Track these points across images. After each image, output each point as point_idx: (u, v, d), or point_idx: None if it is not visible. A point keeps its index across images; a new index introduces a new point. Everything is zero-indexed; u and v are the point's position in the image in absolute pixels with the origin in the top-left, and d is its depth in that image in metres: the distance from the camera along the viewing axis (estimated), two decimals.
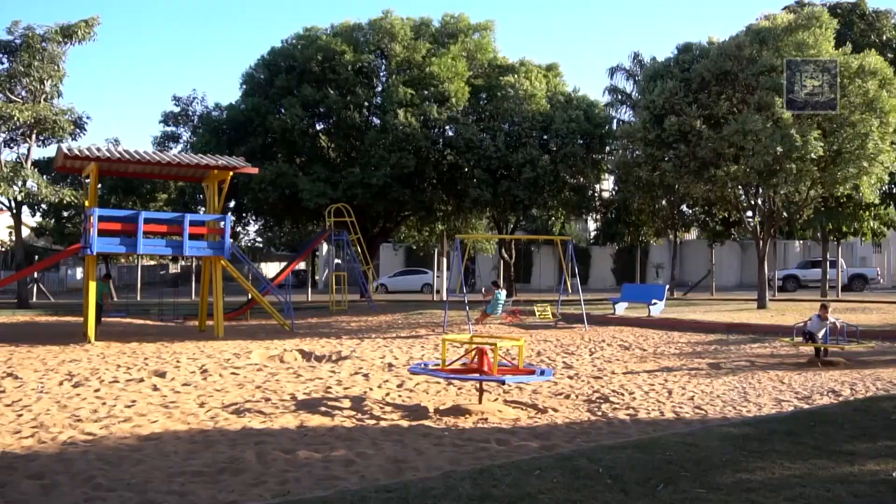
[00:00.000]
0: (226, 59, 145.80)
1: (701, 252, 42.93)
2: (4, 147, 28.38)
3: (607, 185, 39.94)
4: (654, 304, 21.75)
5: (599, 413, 9.14)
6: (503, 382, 9.84)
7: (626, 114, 34.78)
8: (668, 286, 26.32)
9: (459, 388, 10.75)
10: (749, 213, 26.75)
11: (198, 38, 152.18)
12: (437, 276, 35.87)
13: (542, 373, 9.74)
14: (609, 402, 9.76)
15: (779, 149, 19.86)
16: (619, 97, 35.37)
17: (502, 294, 20.95)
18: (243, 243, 39.69)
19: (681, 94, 22.18)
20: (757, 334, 17.32)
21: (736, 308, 24.00)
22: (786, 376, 11.78)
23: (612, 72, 35.52)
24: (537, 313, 21.44)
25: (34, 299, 34.07)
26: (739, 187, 23.95)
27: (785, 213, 25.65)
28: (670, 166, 22.38)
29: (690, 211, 33.88)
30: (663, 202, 31.63)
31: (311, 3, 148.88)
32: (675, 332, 18.54)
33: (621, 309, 22.96)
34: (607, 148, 31.52)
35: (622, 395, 10.28)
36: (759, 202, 24.52)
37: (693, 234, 44.92)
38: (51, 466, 6.74)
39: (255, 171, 21.42)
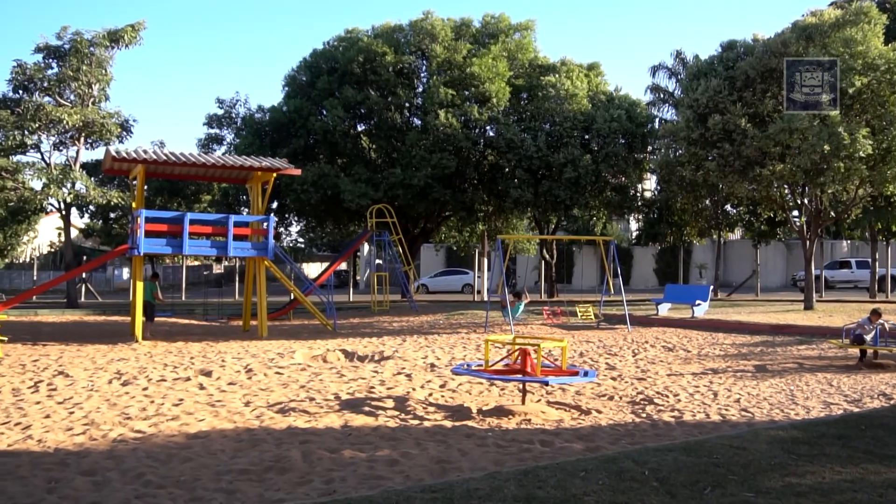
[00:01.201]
0: (268, 62, 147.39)
1: (745, 252, 42.36)
2: (54, 150, 29.00)
3: (649, 184, 39.62)
4: (698, 304, 21.51)
5: (644, 415, 9.06)
6: (546, 383, 9.81)
7: (668, 113, 34.46)
8: (711, 287, 25.98)
9: (502, 389, 10.74)
10: (795, 213, 26.33)
11: (241, 41, 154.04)
12: (478, 277, 35.86)
13: (586, 374, 9.68)
14: (653, 404, 9.67)
15: (826, 147, 19.52)
16: (662, 96, 35.04)
17: (522, 305, 20.95)
18: (285, 244, 40.01)
19: (725, 92, 21.90)
20: (804, 336, 17.05)
21: (782, 309, 23.65)
22: (834, 379, 11.58)
23: (654, 70, 35.20)
24: (579, 314, 21.35)
25: (82, 299, 34.75)
26: (785, 186, 23.58)
27: (832, 213, 25.19)
28: (714, 165, 22.11)
29: (734, 210, 33.44)
30: (707, 202, 31.28)
31: (352, 5, 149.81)
32: (719, 333, 18.33)
33: (664, 310, 22.75)
34: (649, 147, 31.28)
35: (666, 396, 10.18)
36: (806, 201, 24.12)
37: (737, 234, 44.31)
38: (102, 463, 6.86)
39: (297, 172, 21.60)
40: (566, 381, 9.77)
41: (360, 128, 32.85)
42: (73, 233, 31.80)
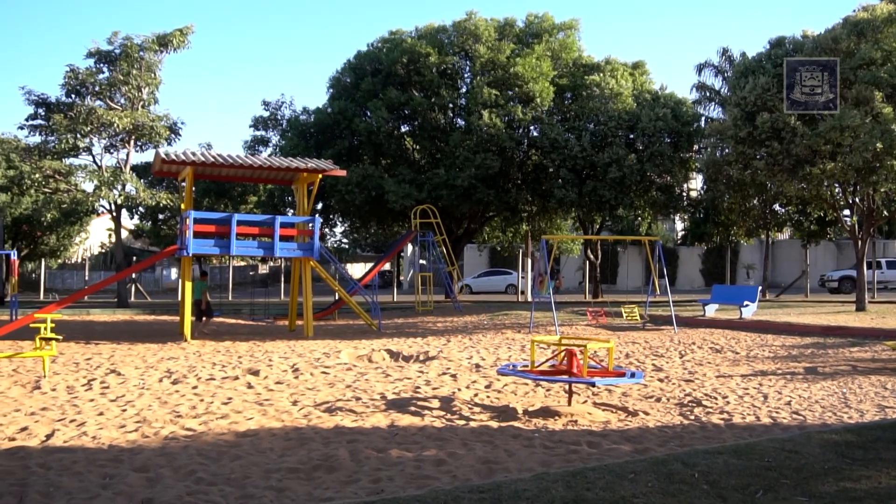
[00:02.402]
0: (313, 64, 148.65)
1: (794, 252, 41.70)
2: (105, 153, 29.56)
3: (695, 184, 39.16)
4: (746, 305, 21.21)
5: (692, 417, 8.96)
6: (593, 384, 9.75)
7: (714, 111, 33.98)
8: (760, 287, 25.59)
9: (548, 390, 10.70)
10: (846, 212, 25.79)
11: (286, 44, 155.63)
12: (522, 277, 35.78)
13: (633, 375, 9.60)
14: (702, 406, 9.56)
15: (878, 145, 19.12)
16: (708, 94, 34.55)
17: (552, 284, 20.87)
18: (329, 244, 40.38)
19: (774, 89, 21.55)
20: (856, 338, 16.70)
21: (832, 310, 23.21)
22: (889, 382, 11.33)
23: (700, 68, 34.72)
24: (624, 315, 21.19)
25: (132, 299, 35.39)
26: (836, 185, 23.15)
27: (885, 212, 24.65)
28: (762, 164, 21.79)
29: (783, 210, 32.87)
30: (755, 201, 30.81)
31: (396, 6, 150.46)
32: (768, 334, 18.05)
33: (711, 311, 22.48)
34: (696, 146, 30.93)
35: (715, 398, 10.05)
36: (857, 200, 23.64)
37: (786, 234, 43.60)
38: (154, 460, 6.97)
39: (343, 173, 21.75)
40: (613, 382, 9.70)
41: (403, 129, 33.00)
42: (123, 234, 32.40)
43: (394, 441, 7.74)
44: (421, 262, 33.18)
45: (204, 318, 19.92)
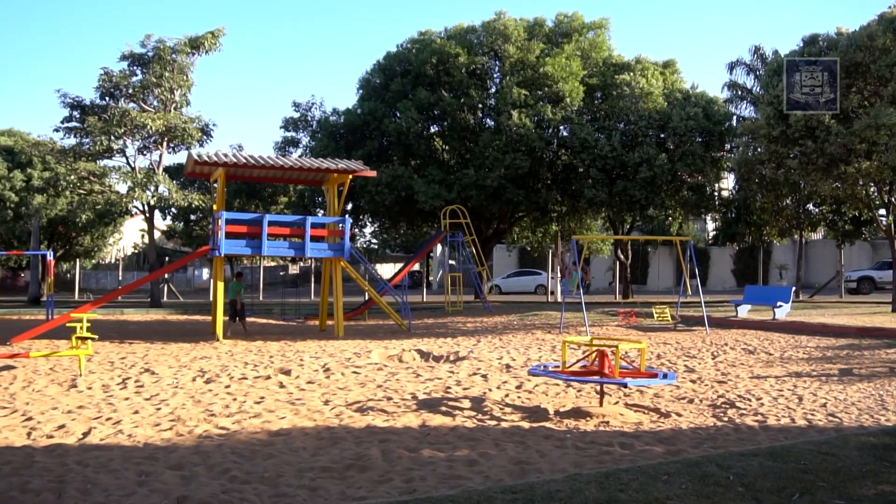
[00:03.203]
0: (343, 66, 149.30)
1: (828, 252, 41.16)
2: (138, 154, 29.91)
3: (727, 183, 38.82)
4: (780, 306, 20.96)
5: (726, 419, 8.88)
6: (625, 385, 9.70)
7: (746, 110, 33.68)
8: (793, 288, 25.30)
9: (579, 391, 10.66)
10: (882, 212, 25.40)
11: (316, 45, 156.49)
12: (552, 278, 35.67)
13: (665, 376, 9.53)
14: (735, 408, 9.46)
15: None
16: (740, 93, 34.26)
17: (578, 275, 20.62)
18: (359, 245, 40.54)
19: None
20: (892, 339, 16.44)
21: (868, 311, 22.87)
22: None
23: (732, 67, 34.43)
24: (656, 315, 21.04)
25: (165, 298, 35.77)
26: (871, 184, 22.80)
27: None
28: (796, 163, 21.55)
29: (817, 209, 32.46)
30: (788, 201, 30.46)
31: (425, 7, 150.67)
32: (802, 335, 17.82)
33: (744, 311, 22.24)
34: (727, 145, 30.65)
35: (749, 400, 9.95)
36: (893, 199, 23.27)
37: (819, 234, 43.05)
38: (189, 458, 7.04)
39: (373, 174, 21.82)
40: (645, 383, 9.64)
41: (433, 129, 33.03)
42: (156, 234, 32.78)
43: (425, 441, 7.76)
44: (450, 262, 33.21)
45: (237, 319, 20.17)
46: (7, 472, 6.50)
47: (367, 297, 26.11)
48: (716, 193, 34.30)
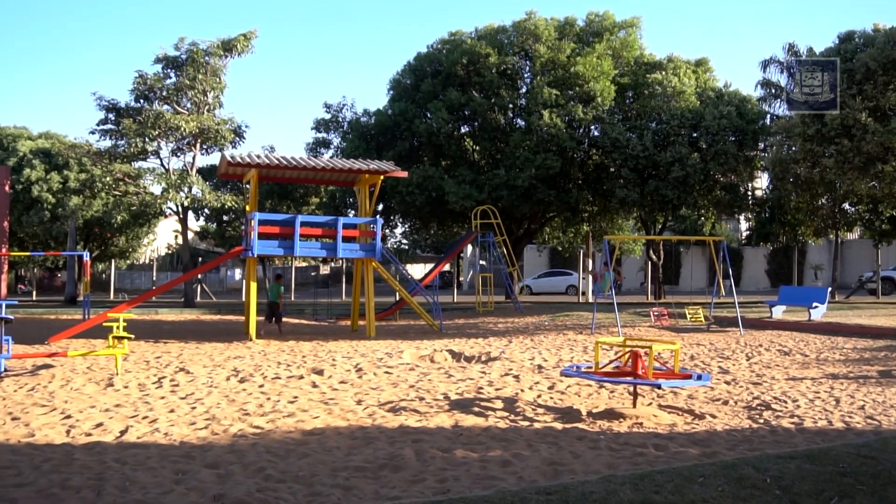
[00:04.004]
0: (373, 67, 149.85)
1: (865, 252, 40.55)
2: (172, 156, 30.28)
3: (761, 182, 38.40)
4: (815, 307, 20.70)
5: (761, 420, 8.78)
6: (658, 386, 9.63)
7: (780, 108, 33.27)
8: (829, 289, 24.97)
9: (612, 392, 10.61)
10: None
11: (347, 47, 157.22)
12: (583, 278, 35.51)
13: (700, 377, 9.45)
14: (771, 410, 9.36)
15: None
16: (774, 91, 33.83)
17: (610, 275, 20.39)
18: (389, 245, 40.67)
19: (843, 85, 21.01)
20: None
21: None
22: None
23: (765, 65, 33.93)
24: (688, 316, 20.87)
25: (198, 299, 36.15)
26: None
27: None
28: (832, 162, 21.28)
29: (853, 209, 31.99)
30: (823, 200, 30.05)
31: (455, 8, 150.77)
32: (838, 337, 17.58)
33: (779, 312, 21.99)
34: (761, 144, 30.30)
35: (785, 402, 9.83)
36: None
37: (856, 234, 42.41)
38: (224, 457, 7.11)
39: (404, 174, 21.87)
40: (679, 384, 9.57)
41: (463, 129, 33.04)
42: (189, 235, 33.14)
43: (458, 441, 7.76)
44: (481, 262, 33.17)
45: (273, 320, 20.41)
46: (48, 469, 6.62)
47: (398, 298, 26.17)
48: (749, 193, 33.92)
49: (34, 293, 43.78)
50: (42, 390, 10.76)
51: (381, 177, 20.64)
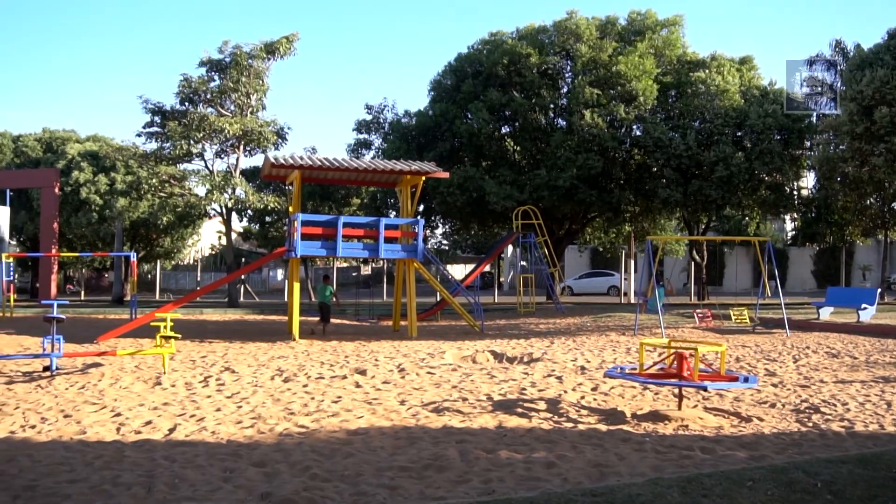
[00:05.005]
0: (414, 68, 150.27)
1: None
2: (216, 158, 30.66)
3: (807, 182, 37.78)
4: (864, 308, 20.30)
5: (810, 424, 8.63)
6: (705, 389, 9.51)
7: (827, 106, 32.70)
8: (879, 290, 24.47)
9: (656, 394, 10.51)
10: None
11: (387, 48, 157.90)
12: (625, 279, 35.24)
13: (746, 380, 9.31)
14: (820, 413, 9.20)
15: None
16: (820, 89, 33.27)
17: (663, 290, 20.02)
18: (430, 245, 40.75)
19: (893, 82, 20.58)
20: None
21: None
22: None
23: (811, 62, 33.46)
24: (733, 317, 20.61)
25: (241, 299, 36.55)
26: None
27: None
28: (881, 161, 20.86)
29: None
30: (872, 199, 29.47)
31: (496, 8, 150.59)
32: (888, 339, 17.23)
33: (826, 314, 21.61)
34: (807, 143, 29.82)
35: (834, 405, 9.65)
36: None
37: None
38: (271, 455, 7.18)
39: (446, 175, 21.89)
40: (726, 386, 9.43)
41: (504, 130, 32.99)
42: (233, 236, 33.54)
43: (502, 442, 7.75)
44: (522, 263, 33.08)
45: (319, 320, 20.63)
46: (100, 466, 6.75)
47: (439, 298, 26.20)
48: (795, 192, 33.41)
49: (82, 293, 44.71)
50: (92, 388, 10.97)
51: (423, 177, 20.68)
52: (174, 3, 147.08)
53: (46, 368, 12.15)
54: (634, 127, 30.32)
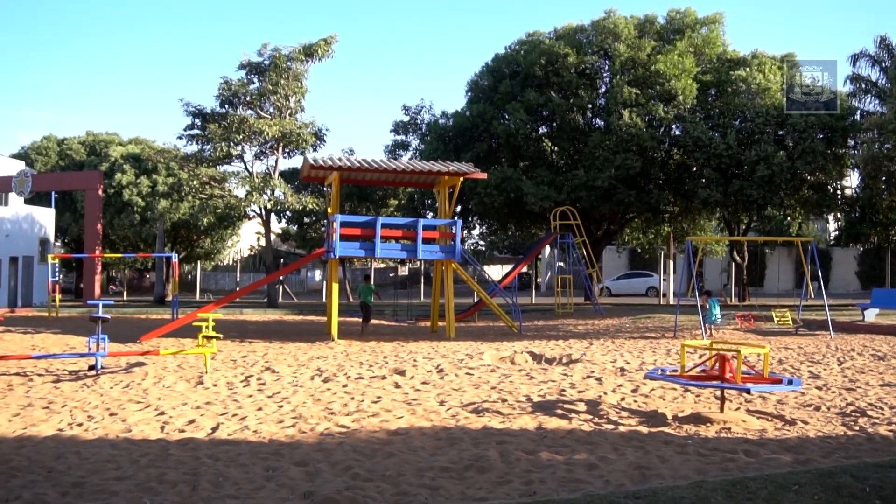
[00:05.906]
0: (451, 69, 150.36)
1: None
2: (255, 160, 30.96)
3: (850, 181, 37.12)
4: None
5: (857, 427, 8.48)
6: (748, 391, 9.39)
7: (871, 104, 32.12)
8: None
9: (697, 396, 10.40)
10: None
11: (424, 49, 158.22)
12: (664, 280, 34.92)
13: (790, 382, 9.18)
14: (866, 416, 9.03)
15: None
16: (864, 86, 32.68)
17: (717, 304, 19.50)
18: (467, 246, 40.76)
19: None
20: None
21: None
22: None
23: (855, 59, 32.89)
24: (776, 319, 20.32)
25: (280, 299, 36.87)
26: None
27: None
28: None
29: None
30: None
31: (533, 8, 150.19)
32: None
33: (871, 315, 21.22)
34: (851, 141, 29.30)
35: (881, 409, 9.47)
36: None
37: None
38: (312, 455, 7.24)
39: (483, 176, 21.87)
40: (769, 389, 9.29)
41: (542, 130, 32.84)
42: (272, 237, 33.84)
43: (543, 443, 7.72)
44: (560, 264, 32.94)
45: (361, 320, 20.78)
46: (145, 464, 6.86)
47: (477, 299, 26.18)
48: (838, 192, 32.84)
49: (124, 293, 45.40)
50: (136, 387, 11.15)
51: (461, 178, 20.69)
52: (214, 5, 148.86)
53: (92, 367, 12.37)
54: (674, 126, 30.02)
